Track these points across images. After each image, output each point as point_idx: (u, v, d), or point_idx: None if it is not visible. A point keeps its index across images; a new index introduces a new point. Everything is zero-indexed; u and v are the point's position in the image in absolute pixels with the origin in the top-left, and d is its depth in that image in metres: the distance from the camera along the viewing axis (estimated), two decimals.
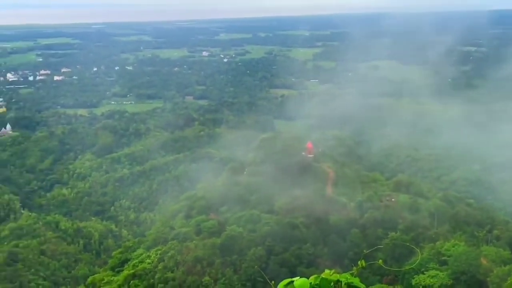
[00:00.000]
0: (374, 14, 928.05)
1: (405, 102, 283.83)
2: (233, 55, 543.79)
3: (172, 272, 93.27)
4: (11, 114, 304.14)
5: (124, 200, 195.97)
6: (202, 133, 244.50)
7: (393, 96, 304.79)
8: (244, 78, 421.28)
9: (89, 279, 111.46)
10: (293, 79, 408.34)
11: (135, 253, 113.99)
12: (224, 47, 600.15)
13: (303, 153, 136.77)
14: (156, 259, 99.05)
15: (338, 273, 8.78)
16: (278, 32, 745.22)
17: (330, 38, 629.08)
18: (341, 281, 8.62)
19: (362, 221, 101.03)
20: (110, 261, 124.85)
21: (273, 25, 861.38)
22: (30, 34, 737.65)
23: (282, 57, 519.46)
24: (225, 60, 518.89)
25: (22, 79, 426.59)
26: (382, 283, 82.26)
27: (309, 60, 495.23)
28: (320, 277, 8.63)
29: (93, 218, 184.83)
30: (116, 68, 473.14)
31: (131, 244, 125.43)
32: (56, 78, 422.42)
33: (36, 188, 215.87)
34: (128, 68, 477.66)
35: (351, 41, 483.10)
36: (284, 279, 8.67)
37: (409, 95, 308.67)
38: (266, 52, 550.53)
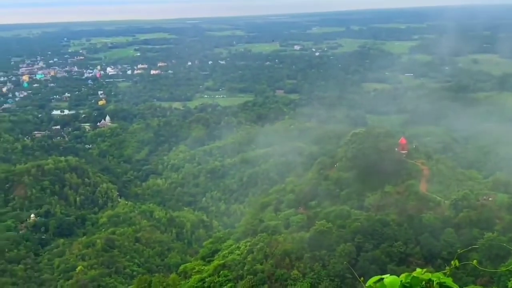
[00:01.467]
0: (472, 6, 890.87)
1: (505, 97, 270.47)
2: (325, 49, 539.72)
3: (261, 264, 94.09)
4: (110, 107, 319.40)
5: (215, 192, 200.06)
6: (292, 127, 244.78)
7: (492, 91, 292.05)
8: (335, 72, 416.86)
9: (181, 268, 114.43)
10: (387, 73, 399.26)
11: (225, 244, 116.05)
12: (316, 40, 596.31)
13: (396, 149, 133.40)
14: (245, 251, 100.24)
15: (430, 272, 8.44)
16: (372, 25, 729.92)
17: (427, 31, 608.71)
18: (433, 281, 8.28)
19: (457, 220, 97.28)
20: (201, 250, 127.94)
21: (367, 18, 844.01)
22: (129, 29, 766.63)
23: (375, 50, 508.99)
24: (317, 54, 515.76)
25: (121, 73, 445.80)
26: (476, 285, 79.11)
27: (404, 54, 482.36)
28: (411, 275, 8.34)
29: (185, 208, 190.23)
30: (210, 62, 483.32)
31: (221, 235, 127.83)
32: (152, 72, 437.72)
33: (132, 177, 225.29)
34: (221, 62, 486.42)
35: (449, 34, 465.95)
36: (374, 276, 8.44)
37: (510, 89, 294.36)
38: (359, 45, 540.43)
